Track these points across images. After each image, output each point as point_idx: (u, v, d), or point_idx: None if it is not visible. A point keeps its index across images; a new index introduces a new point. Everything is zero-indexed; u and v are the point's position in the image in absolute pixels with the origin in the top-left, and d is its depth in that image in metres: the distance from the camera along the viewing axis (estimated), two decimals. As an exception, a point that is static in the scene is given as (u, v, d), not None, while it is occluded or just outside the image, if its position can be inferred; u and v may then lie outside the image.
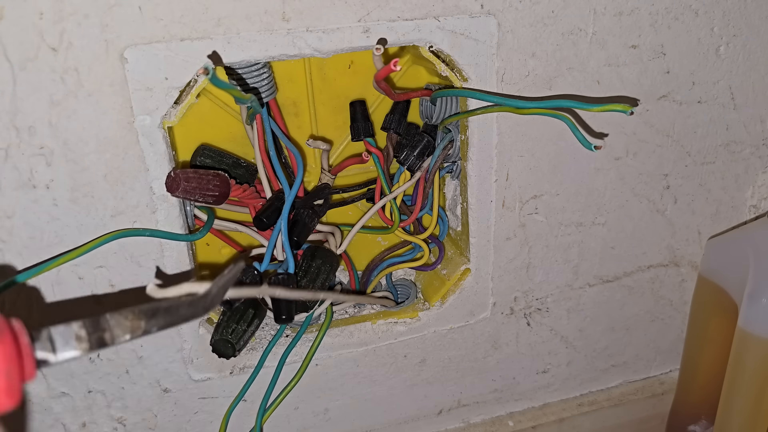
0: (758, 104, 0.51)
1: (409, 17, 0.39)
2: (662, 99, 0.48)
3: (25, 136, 0.35)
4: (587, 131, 0.46)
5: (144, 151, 0.37)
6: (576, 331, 0.55)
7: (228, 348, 0.40)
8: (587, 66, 0.45)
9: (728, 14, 0.47)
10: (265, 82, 0.42)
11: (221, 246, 0.48)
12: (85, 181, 0.37)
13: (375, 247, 0.52)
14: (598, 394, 0.59)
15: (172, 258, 0.40)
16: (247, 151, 0.46)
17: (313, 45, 0.38)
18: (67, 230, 0.37)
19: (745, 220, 0.56)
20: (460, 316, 0.50)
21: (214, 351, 0.40)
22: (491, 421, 0.57)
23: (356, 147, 0.49)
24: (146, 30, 0.35)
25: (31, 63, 0.33)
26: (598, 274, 0.53)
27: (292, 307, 0.42)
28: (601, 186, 0.50)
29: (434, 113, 0.46)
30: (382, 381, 0.51)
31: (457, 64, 0.41)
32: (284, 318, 0.41)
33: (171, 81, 0.36)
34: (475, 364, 0.53)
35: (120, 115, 0.36)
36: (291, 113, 0.47)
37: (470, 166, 0.45)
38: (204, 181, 0.39)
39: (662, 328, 0.58)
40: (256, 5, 0.36)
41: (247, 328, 0.40)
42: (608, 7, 0.43)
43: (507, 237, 0.49)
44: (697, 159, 0.51)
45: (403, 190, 0.47)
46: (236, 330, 0.40)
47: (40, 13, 0.33)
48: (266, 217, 0.42)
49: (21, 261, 0.37)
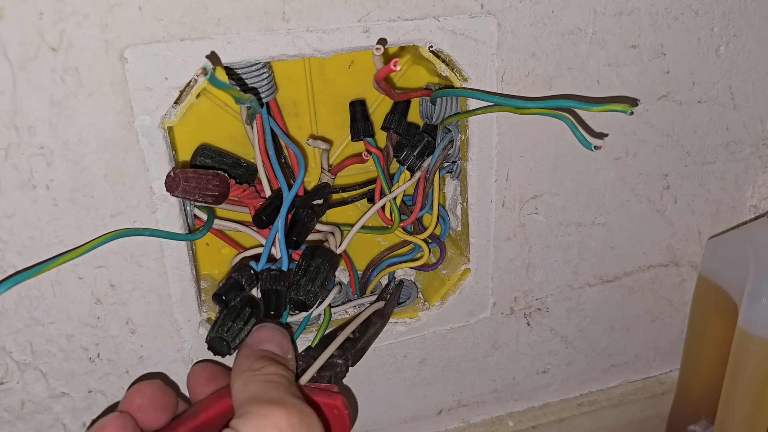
0: (758, 104, 0.51)
1: (409, 17, 0.39)
2: (662, 99, 0.48)
3: (25, 136, 0.35)
4: (587, 131, 0.46)
5: (144, 151, 0.37)
6: (576, 331, 0.55)
7: (223, 346, 0.40)
8: (587, 66, 0.45)
9: (728, 14, 0.47)
10: (265, 82, 0.42)
11: (221, 246, 0.48)
12: (85, 181, 0.37)
13: (375, 247, 0.52)
14: (598, 394, 0.59)
15: (172, 258, 0.40)
16: (247, 151, 0.46)
17: (313, 45, 0.38)
18: (67, 230, 0.37)
19: (745, 220, 0.56)
20: (460, 316, 0.50)
21: (210, 348, 0.40)
22: (491, 421, 0.57)
23: (356, 147, 0.49)
24: (146, 30, 0.35)
25: (31, 63, 0.33)
26: (598, 274, 0.53)
27: (281, 302, 0.42)
28: (601, 186, 0.50)
29: (434, 113, 0.46)
30: (382, 381, 0.51)
31: (457, 64, 0.41)
32: (272, 313, 0.41)
33: (171, 81, 0.36)
34: (475, 364, 0.53)
35: (120, 115, 0.36)
36: (291, 113, 0.47)
37: (470, 166, 0.45)
38: (204, 181, 0.39)
39: (662, 328, 0.58)
40: (256, 5, 0.36)
41: (243, 326, 0.40)
42: (608, 7, 0.43)
43: (507, 237, 0.49)
44: (697, 159, 0.51)
45: (403, 189, 0.47)
46: (232, 328, 0.40)
47: (40, 13, 0.33)
48: (266, 215, 0.42)
49: (21, 261, 0.37)
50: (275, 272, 0.42)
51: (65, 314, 0.39)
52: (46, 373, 0.40)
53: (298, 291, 0.42)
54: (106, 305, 0.40)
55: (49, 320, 0.39)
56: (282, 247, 0.42)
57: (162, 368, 0.43)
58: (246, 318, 0.41)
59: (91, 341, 0.41)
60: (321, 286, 0.43)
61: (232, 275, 0.41)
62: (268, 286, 0.41)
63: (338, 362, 0.42)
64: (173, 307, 0.42)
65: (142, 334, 0.42)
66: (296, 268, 0.43)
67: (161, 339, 0.42)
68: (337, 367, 0.42)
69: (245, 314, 0.41)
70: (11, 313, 0.38)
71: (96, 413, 0.43)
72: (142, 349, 0.42)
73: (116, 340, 0.41)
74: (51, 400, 0.41)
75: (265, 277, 0.42)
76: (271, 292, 0.41)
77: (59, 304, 0.39)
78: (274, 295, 0.41)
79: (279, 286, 0.41)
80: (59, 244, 0.37)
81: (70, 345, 0.40)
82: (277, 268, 0.42)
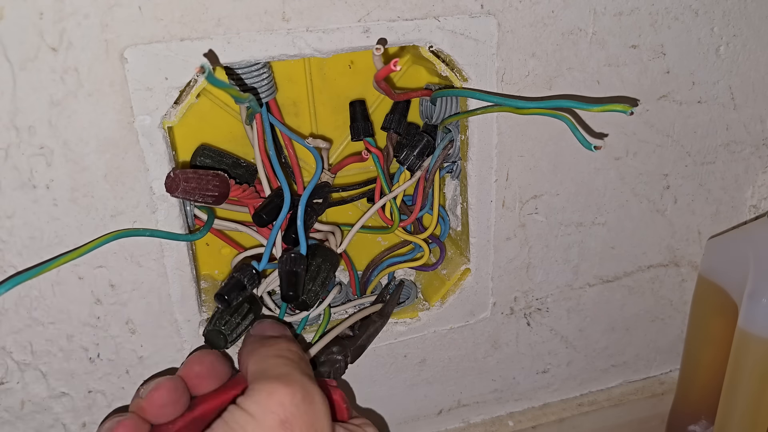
0: (758, 104, 0.51)
1: (409, 17, 0.39)
2: (662, 99, 0.48)
3: (25, 136, 0.35)
4: (587, 131, 0.46)
5: (144, 151, 0.37)
6: (576, 331, 0.55)
7: (220, 339, 0.40)
8: (587, 66, 0.45)
9: (728, 14, 0.47)
10: (265, 82, 0.42)
11: (221, 246, 0.48)
12: (85, 181, 0.37)
13: (375, 247, 0.52)
14: (598, 394, 0.59)
15: (172, 258, 0.40)
16: (247, 151, 0.46)
17: (313, 45, 0.38)
18: (67, 230, 0.37)
19: (745, 220, 0.56)
20: (460, 316, 0.50)
21: (207, 342, 0.40)
22: (491, 421, 0.57)
23: (356, 147, 0.49)
24: (146, 30, 0.35)
25: (31, 63, 0.33)
26: (598, 274, 0.53)
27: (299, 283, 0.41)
28: (601, 186, 0.50)
29: (434, 113, 0.46)
30: (382, 381, 0.51)
31: (457, 64, 0.41)
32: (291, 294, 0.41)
33: (171, 81, 0.36)
34: (475, 364, 0.53)
35: (120, 115, 0.36)
36: (291, 113, 0.47)
37: (470, 166, 0.45)
38: (204, 181, 0.39)
39: (662, 328, 0.58)
40: (256, 5, 0.36)
41: (240, 321, 0.41)
42: (608, 7, 0.43)
43: (507, 237, 0.49)
44: (697, 159, 0.51)
45: (402, 189, 0.47)
46: (230, 322, 0.40)
47: (40, 13, 0.33)
48: (266, 213, 0.42)
49: (21, 261, 0.37)
50: (295, 255, 0.41)
51: (65, 314, 0.39)
52: (46, 373, 0.40)
53: None
54: (106, 305, 0.40)
55: (49, 320, 0.39)
56: (301, 233, 0.42)
57: (162, 368, 0.43)
58: (244, 313, 0.41)
59: (91, 341, 0.41)
60: (321, 285, 0.43)
61: (234, 275, 0.41)
62: (288, 268, 0.41)
63: (338, 358, 0.42)
64: (173, 307, 0.42)
65: (142, 334, 0.42)
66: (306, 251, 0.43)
67: (161, 339, 0.42)
68: (337, 363, 0.42)
69: (243, 309, 0.41)
70: (11, 313, 0.38)
71: (96, 413, 0.43)
72: (142, 349, 0.42)
73: (116, 340, 0.41)
74: (51, 400, 0.41)
75: (285, 259, 0.41)
76: (290, 273, 0.41)
77: (59, 304, 0.39)
78: (293, 276, 0.41)
79: (298, 269, 0.41)
80: (59, 244, 0.37)
81: (70, 345, 0.40)
82: (297, 251, 0.42)
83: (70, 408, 0.42)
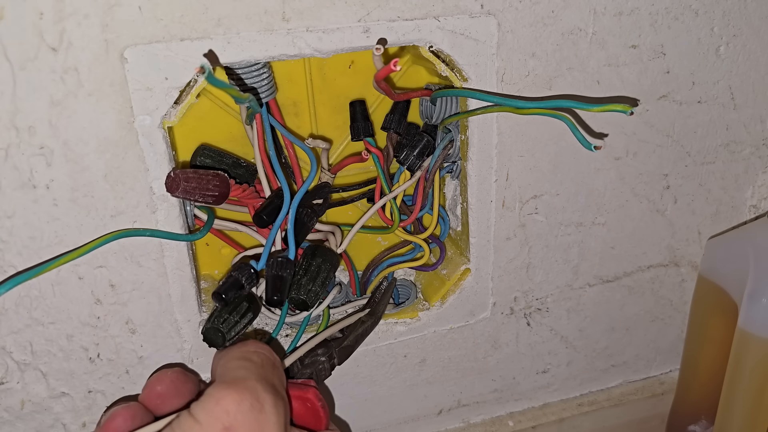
0: (758, 104, 0.51)
1: (409, 17, 0.39)
2: (662, 99, 0.48)
3: (25, 136, 0.35)
4: (587, 131, 0.46)
5: (144, 151, 0.37)
6: (576, 331, 0.55)
7: (218, 337, 0.40)
8: (587, 66, 0.45)
9: (728, 14, 0.47)
10: (265, 82, 0.42)
11: (221, 246, 0.48)
12: (85, 181, 0.37)
13: (375, 247, 0.52)
14: (598, 394, 0.59)
15: (172, 258, 0.40)
16: (247, 151, 0.46)
17: (313, 45, 0.38)
18: (67, 230, 0.37)
19: (745, 220, 0.56)
20: (460, 316, 0.50)
21: (205, 339, 0.40)
22: (491, 421, 0.57)
23: (356, 147, 0.49)
24: (146, 30, 0.35)
25: (31, 63, 0.33)
26: (598, 274, 0.53)
27: (285, 289, 0.41)
28: (601, 186, 0.50)
29: (434, 113, 0.46)
30: (382, 381, 0.51)
31: (457, 64, 0.41)
32: (276, 299, 0.41)
33: (171, 81, 0.36)
34: (475, 364, 0.53)
35: (120, 115, 0.36)
36: (291, 113, 0.47)
37: (470, 166, 0.45)
38: (204, 181, 0.39)
39: (662, 328, 0.58)
40: (256, 5, 0.36)
41: (239, 319, 0.41)
42: (608, 7, 0.43)
43: (507, 237, 0.49)
44: (697, 159, 0.51)
45: (402, 189, 0.47)
46: (228, 320, 0.40)
47: (40, 13, 0.33)
48: (266, 214, 0.42)
49: (21, 261, 0.37)
50: (282, 259, 0.41)
51: (65, 314, 0.39)
52: (46, 373, 0.40)
53: (299, 290, 0.42)
54: (106, 305, 0.40)
55: (49, 320, 0.39)
56: (290, 237, 0.42)
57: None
58: (243, 312, 0.41)
59: (91, 341, 0.41)
60: (322, 285, 0.43)
61: (232, 274, 0.41)
62: (274, 272, 0.41)
63: (321, 359, 0.41)
64: (173, 307, 0.42)
65: (142, 334, 0.42)
66: (297, 267, 0.43)
67: (161, 339, 0.42)
68: (320, 364, 0.41)
69: (242, 308, 0.41)
70: (11, 313, 0.38)
71: (96, 413, 0.43)
72: (142, 349, 0.42)
73: (116, 340, 0.41)
74: (51, 400, 0.41)
75: (272, 263, 0.41)
76: (276, 277, 0.41)
77: (59, 304, 0.39)
78: (279, 281, 0.41)
79: (284, 273, 0.41)
80: (59, 244, 0.37)
81: (70, 345, 0.40)
82: (284, 255, 0.42)
83: (70, 408, 0.42)
